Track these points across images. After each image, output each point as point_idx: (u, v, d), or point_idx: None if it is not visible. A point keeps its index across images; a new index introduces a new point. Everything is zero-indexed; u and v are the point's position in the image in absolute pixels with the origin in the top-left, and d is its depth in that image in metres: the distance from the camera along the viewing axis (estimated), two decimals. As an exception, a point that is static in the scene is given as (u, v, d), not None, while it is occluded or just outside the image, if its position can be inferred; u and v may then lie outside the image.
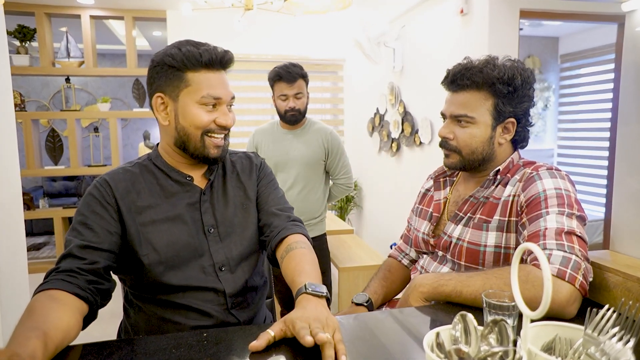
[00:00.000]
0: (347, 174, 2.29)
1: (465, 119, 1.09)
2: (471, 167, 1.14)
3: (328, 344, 0.72)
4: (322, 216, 2.28)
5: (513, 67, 1.07)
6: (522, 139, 1.13)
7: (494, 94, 1.07)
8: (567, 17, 2.57)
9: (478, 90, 1.08)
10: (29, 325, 0.72)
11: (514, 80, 1.05)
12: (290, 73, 2.03)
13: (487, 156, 1.11)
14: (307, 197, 2.18)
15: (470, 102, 1.08)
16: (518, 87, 1.06)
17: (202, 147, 1.01)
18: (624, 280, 0.90)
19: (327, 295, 0.87)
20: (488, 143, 1.10)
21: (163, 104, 1.00)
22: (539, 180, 1.01)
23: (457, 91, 1.12)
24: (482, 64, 1.08)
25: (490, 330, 0.54)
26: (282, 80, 2.05)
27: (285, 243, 1.04)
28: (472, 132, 1.09)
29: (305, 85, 2.11)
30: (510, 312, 0.73)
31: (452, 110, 1.12)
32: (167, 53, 0.98)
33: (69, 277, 0.85)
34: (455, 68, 1.12)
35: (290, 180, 2.16)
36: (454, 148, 1.13)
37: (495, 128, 1.09)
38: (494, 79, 1.05)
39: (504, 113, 1.07)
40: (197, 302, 0.99)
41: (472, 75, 1.07)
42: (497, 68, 1.06)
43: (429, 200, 1.28)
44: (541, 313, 0.49)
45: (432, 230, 1.21)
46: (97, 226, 0.94)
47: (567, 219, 0.93)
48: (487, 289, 0.88)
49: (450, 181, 1.26)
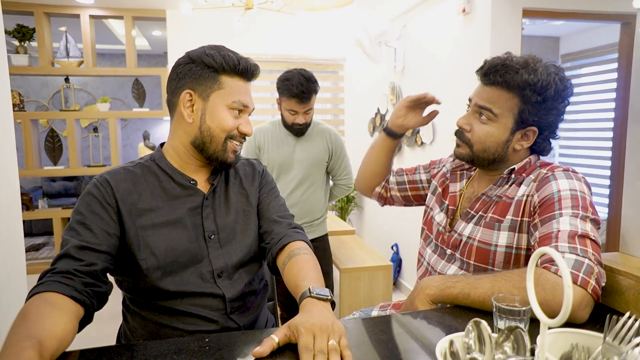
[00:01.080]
0: (349, 174, 2.28)
1: (487, 114, 1.06)
2: (479, 164, 1.11)
3: (334, 350, 0.70)
4: (324, 217, 2.27)
5: (552, 75, 1.02)
6: (541, 149, 1.09)
7: (522, 99, 1.02)
8: (570, 16, 2.55)
9: (508, 90, 1.03)
10: (24, 333, 0.69)
11: (546, 90, 1.00)
12: (304, 94, 1.94)
13: (498, 158, 1.08)
14: (310, 197, 2.17)
15: (498, 100, 1.05)
16: (548, 99, 1.01)
17: (223, 150, 1.01)
18: (636, 284, 0.88)
19: (332, 298, 0.85)
20: (503, 146, 1.07)
21: (191, 100, 0.99)
22: (554, 181, 0.99)
23: (487, 84, 1.07)
24: (521, 65, 1.03)
25: (506, 338, 0.52)
26: (294, 98, 1.96)
27: (287, 250, 1.02)
28: (489, 130, 1.06)
29: (315, 97, 2.04)
30: (522, 317, 0.71)
31: (477, 100, 1.08)
32: (206, 53, 0.99)
33: (65, 278, 0.83)
34: (492, 60, 1.07)
35: (295, 182, 2.15)
36: (467, 140, 1.10)
37: (515, 133, 1.06)
38: (526, 84, 1.00)
39: (527, 120, 1.03)
40: (195, 307, 0.97)
41: (506, 74, 1.02)
42: (534, 73, 1.01)
43: (445, 189, 1.24)
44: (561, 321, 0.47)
45: (449, 224, 1.17)
46: (96, 227, 0.91)
47: (581, 221, 0.91)
48: (495, 292, 0.86)
49: (467, 175, 1.22)
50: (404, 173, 1.43)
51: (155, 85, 5.86)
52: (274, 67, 4.11)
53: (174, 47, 3.89)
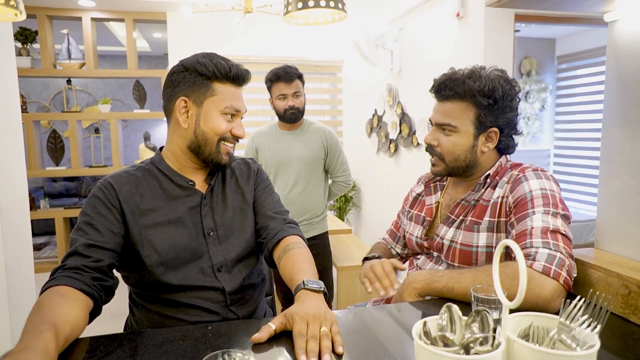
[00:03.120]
0: (346, 171, 2.34)
1: (448, 128, 1.14)
2: (456, 174, 1.19)
3: (325, 336, 0.77)
4: (323, 214, 2.33)
5: (496, 79, 1.11)
6: (506, 146, 1.17)
7: (475, 105, 1.11)
8: (562, 21, 2.61)
9: (461, 100, 1.12)
10: (39, 319, 0.76)
11: (494, 92, 1.09)
12: (287, 73, 2.11)
13: (470, 163, 1.15)
14: (309, 195, 2.24)
15: (454, 112, 1.13)
16: (498, 99, 1.10)
17: (217, 152, 1.07)
18: (605, 276, 0.95)
19: (325, 290, 0.92)
20: (471, 151, 1.14)
21: (186, 107, 1.05)
22: (525, 182, 1.06)
23: (442, 100, 1.16)
24: (466, 75, 1.12)
25: (473, 320, 0.59)
26: (280, 80, 2.12)
27: (282, 244, 1.08)
28: (455, 141, 1.14)
29: (302, 86, 2.19)
30: (497, 305, 0.78)
31: (437, 119, 1.17)
32: (199, 61, 1.04)
33: (75, 274, 0.89)
34: (440, 78, 1.17)
35: (292, 180, 2.21)
36: (438, 154, 1.18)
37: (478, 137, 1.13)
38: (474, 91, 1.09)
39: (485, 123, 1.12)
40: (197, 300, 1.03)
41: (455, 87, 1.12)
42: (478, 80, 1.10)
43: (420, 205, 1.33)
44: (517, 302, 0.53)
45: (424, 234, 1.25)
46: (102, 226, 0.98)
47: (552, 218, 0.98)
48: (476, 285, 0.93)
49: (441, 186, 1.30)
50: (397, 234, 1.44)
51: (155, 87, 5.92)
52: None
53: (174, 49, 3.95)
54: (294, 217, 2.16)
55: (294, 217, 2.19)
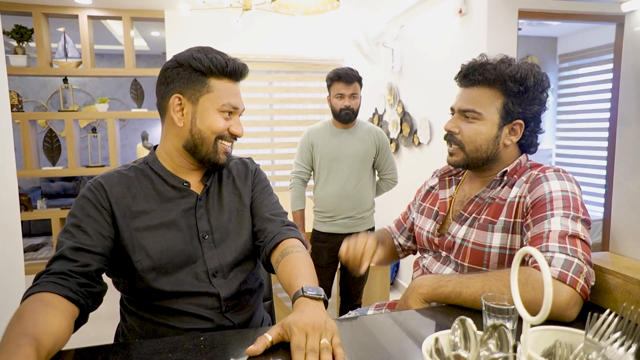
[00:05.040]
0: (394, 170, 2.45)
1: (472, 114, 1.08)
2: (475, 166, 1.13)
3: (326, 349, 0.72)
4: (372, 209, 2.42)
5: (528, 67, 1.06)
6: (529, 143, 1.11)
7: (504, 92, 1.06)
8: (566, 17, 2.56)
9: (489, 87, 1.07)
10: (19, 331, 0.70)
11: (526, 80, 1.04)
12: (348, 74, 2.21)
13: (491, 156, 1.10)
14: (361, 191, 2.32)
15: (480, 98, 1.08)
16: (529, 88, 1.05)
17: (214, 151, 1.02)
18: (624, 283, 0.89)
19: (325, 297, 0.87)
20: (493, 142, 1.09)
21: (180, 105, 1.00)
22: (545, 182, 1.00)
23: (468, 86, 1.11)
24: (497, 62, 1.08)
25: (490, 335, 0.53)
26: (340, 80, 2.21)
27: (280, 248, 1.03)
28: (477, 129, 1.08)
29: (360, 88, 2.28)
30: (510, 315, 0.72)
31: (460, 105, 1.11)
32: (193, 56, 0.99)
33: (60, 279, 0.84)
34: (470, 63, 1.11)
35: (346, 175, 2.29)
36: (458, 142, 1.12)
37: (502, 128, 1.08)
38: (506, 76, 1.04)
39: (512, 113, 1.06)
40: (191, 306, 0.98)
41: (485, 71, 1.07)
42: (511, 66, 1.06)
43: (433, 199, 1.27)
44: (542, 318, 0.48)
45: (437, 230, 1.19)
46: (91, 229, 0.93)
47: (571, 222, 0.93)
48: (486, 291, 0.88)
49: (456, 180, 1.24)
50: (403, 225, 1.40)
51: (153, 86, 5.81)
52: (272, 68, 4.12)
53: (172, 48, 3.89)
54: (347, 212, 2.30)
55: (347, 211, 2.29)
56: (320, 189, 2.35)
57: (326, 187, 2.32)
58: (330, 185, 2.31)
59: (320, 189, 2.34)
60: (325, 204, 2.33)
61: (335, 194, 2.29)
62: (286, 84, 4.20)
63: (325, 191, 2.32)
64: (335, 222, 2.33)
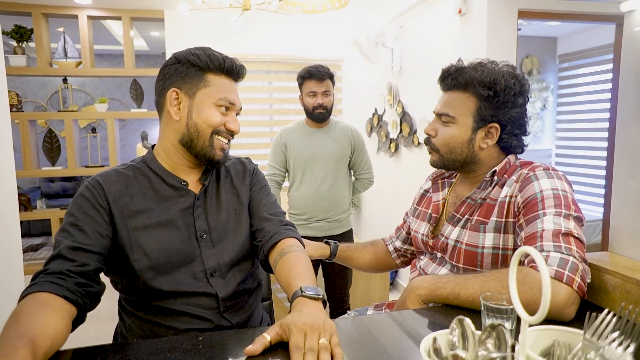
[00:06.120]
0: (369, 169, 2.40)
1: (447, 118, 1.11)
2: (452, 167, 1.15)
3: (324, 349, 0.71)
4: (348, 211, 2.39)
5: (501, 72, 1.07)
6: (509, 146, 1.11)
7: (476, 97, 1.08)
8: (566, 17, 2.56)
9: (463, 91, 1.09)
10: (15, 333, 0.70)
11: (495, 84, 1.05)
12: (319, 72, 2.17)
13: (468, 158, 1.12)
14: (337, 192, 2.29)
15: (455, 103, 1.10)
16: (499, 92, 1.06)
17: (210, 146, 1.02)
18: (623, 283, 0.89)
19: (324, 297, 0.86)
20: (467, 145, 1.10)
21: (177, 99, 1.01)
22: (535, 181, 1.00)
23: (446, 90, 1.14)
24: (472, 66, 1.10)
25: (488, 335, 0.53)
26: (312, 78, 2.16)
27: (278, 247, 1.03)
28: (451, 132, 1.11)
29: (332, 86, 2.23)
30: (509, 315, 0.72)
31: (438, 109, 1.15)
32: (192, 52, 1.02)
33: (57, 279, 0.83)
34: (447, 68, 1.14)
35: (322, 176, 2.25)
36: (432, 145, 1.15)
37: (477, 131, 1.09)
38: (475, 81, 1.06)
39: (485, 117, 1.08)
40: (188, 306, 0.98)
41: (457, 76, 1.10)
42: (481, 71, 1.07)
43: (427, 202, 1.28)
44: (540, 318, 0.48)
45: (431, 232, 1.20)
46: (88, 228, 0.93)
47: (564, 220, 0.93)
48: (484, 292, 0.87)
49: (449, 182, 1.26)
50: (401, 230, 1.42)
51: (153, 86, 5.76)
52: (272, 68, 4.12)
53: (172, 48, 3.89)
54: (324, 214, 2.24)
55: (323, 213, 2.25)
56: (295, 190, 2.30)
57: (301, 188, 2.26)
58: (305, 186, 2.25)
59: (295, 190, 2.29)
60: (301, 206, 2.27)
61: (311, 195, 2.24)
62: (286, 84, 4.20)
63: (301, 192, 2.27)
64: (310, 226, 2.27)
